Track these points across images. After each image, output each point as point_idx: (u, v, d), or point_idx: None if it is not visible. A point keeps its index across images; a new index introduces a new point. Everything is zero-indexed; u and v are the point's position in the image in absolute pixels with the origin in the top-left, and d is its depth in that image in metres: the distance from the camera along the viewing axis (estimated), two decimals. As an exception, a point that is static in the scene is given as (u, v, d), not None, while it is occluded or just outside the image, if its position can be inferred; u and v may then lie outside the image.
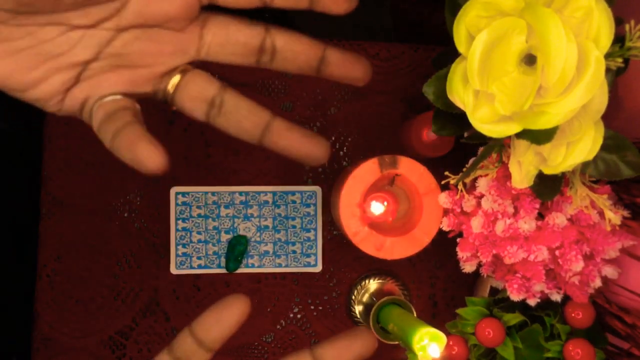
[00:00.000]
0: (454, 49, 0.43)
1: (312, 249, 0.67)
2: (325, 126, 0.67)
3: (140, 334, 0.66)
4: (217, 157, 0.66)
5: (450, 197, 0.56)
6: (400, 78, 0.68)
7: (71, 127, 0.64)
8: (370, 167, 0.56)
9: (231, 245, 0.65)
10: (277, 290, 0.67)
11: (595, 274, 0.51)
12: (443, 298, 0.69)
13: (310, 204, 0.66)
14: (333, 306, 0.68)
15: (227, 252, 0.65)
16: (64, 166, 0.65)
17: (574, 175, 0.47)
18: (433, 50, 0.68)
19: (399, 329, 0.54)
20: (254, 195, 0.66)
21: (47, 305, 0.65)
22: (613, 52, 0.40)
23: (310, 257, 0.67)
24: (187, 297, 0.66)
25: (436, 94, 0.46)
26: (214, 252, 0.66)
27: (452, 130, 0.48)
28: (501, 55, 0.41)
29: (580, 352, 0.53)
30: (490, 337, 0.55)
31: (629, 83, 0.54)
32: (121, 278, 0.65)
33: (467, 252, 0.55)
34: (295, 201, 0.66)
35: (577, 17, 0.38)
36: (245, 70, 0.66)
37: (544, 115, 0.39)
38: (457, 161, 0.58)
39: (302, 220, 0.67)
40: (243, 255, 0.65)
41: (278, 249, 0.67)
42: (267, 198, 0.66)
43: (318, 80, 0.67)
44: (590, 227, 0.51)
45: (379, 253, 0.57)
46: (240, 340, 0.67)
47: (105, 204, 0.65)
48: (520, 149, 0.45)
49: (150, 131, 0.33)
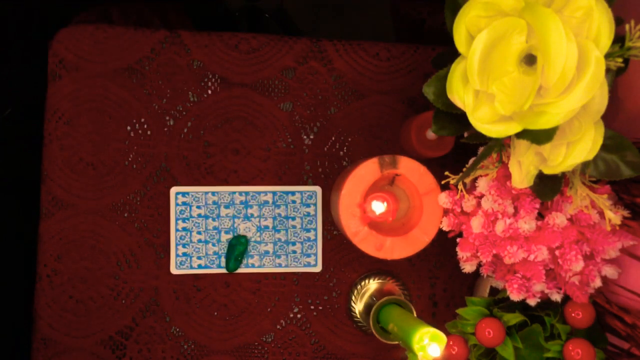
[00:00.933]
0: (454, 49, 0.43)
1: (312, 249, 0.67)
2: (325, 126, 0.67)
3: (140, 334, 0.66)
4: (217, 157, 0.66)
5: (450, 197, 0.56)
6: (400, 78, 0.68)
7: (71, 127, 0.65)
8: (370, 167, 0.56)
9: (231, 245, 0.65)
10: (277, 290, 0.67)
11: (595, 274, 0.51)
12: (443, 298, 0.69)
13: (310, 204, 0.66)
14: (333, 306, 0.68)
15: (227, 252, 0.65)
16: (64, 166, 0.65)
17: (574, 175, 0.47)
18: (433, 50, 0.68)
19: (399, 329, 0.54)
20: (254, 195, 0.66)
21: (47, 305, 0.65)
22: (613, 52, 0.40)
23: (310, 257, 0.67)
24: (187, 297, 0.66)
25: (436, 94, 0.46)
26: (214, 252, 0.66)
27: (452, 130, 0.48)
28: (501, 55, 0.41)
29: (580, 352, 0.53)
30: (490, 337, 0.55)
31: (629, 83, 0.54)
32: (121, 278, 0.65)
33: (467, 252, 0.55)
34: (295, 201, 0.66)
35: (577, 17, 0.38)
36: (245, 70, 0.66)
37: (544, 115, 0.39)
38: (457, 161, 0.58)
39: (302, 220, 0.67)
40: (243, 255, 0.65)
41: (278, 249, 0.67)
42: (267, 198, 0.66)
43: (318, 80, 0.67)
44: (590, 227, 0.51)
45: (379, 253, 0.57)
46: (240, 340, 0.67)
47: (105, 204, 0.65)
48: (520, 149, 0.45)
49: (150, 131, 0.33)
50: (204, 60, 0.66)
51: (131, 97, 0.65)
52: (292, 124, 0.67)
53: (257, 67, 0.66)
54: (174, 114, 0.66)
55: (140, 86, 0.65)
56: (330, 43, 0.67)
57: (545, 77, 0.38)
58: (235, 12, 1.02)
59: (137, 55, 0.65)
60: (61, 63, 0.64)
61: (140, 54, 0.65)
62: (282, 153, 0.67)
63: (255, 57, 0.66)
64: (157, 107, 0.66)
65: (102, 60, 0.64)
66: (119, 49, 0.65)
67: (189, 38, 0.66)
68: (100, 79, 0.65)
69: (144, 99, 0.65)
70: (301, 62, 0.67)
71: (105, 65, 0.65)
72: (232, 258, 0.65)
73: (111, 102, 0.65)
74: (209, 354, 0.66)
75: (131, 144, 0.65)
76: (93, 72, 0.64)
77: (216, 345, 0.66)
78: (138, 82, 0.65)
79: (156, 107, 0.66)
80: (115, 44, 0.65)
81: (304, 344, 0.67)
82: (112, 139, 0.65)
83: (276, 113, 0.67)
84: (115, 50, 0.65)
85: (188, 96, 0.66)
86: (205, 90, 0.66)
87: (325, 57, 0.67)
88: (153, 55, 0.65)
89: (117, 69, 0.65)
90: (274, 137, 0.67)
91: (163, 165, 0.66)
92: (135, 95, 0.65)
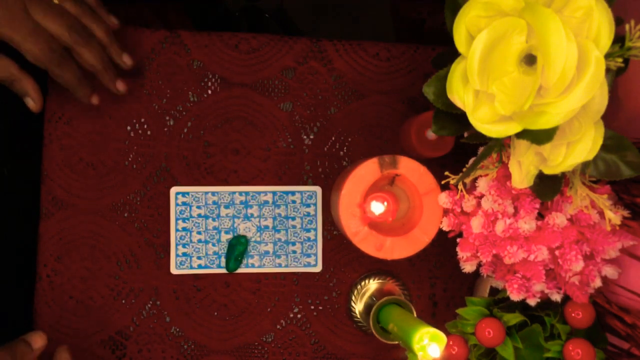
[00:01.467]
0: (454, 49, 0.43)
1: (312, 249, 0.67)
2: (325, 126, 0.67)
3: (140, 334, 0.66)
4: (217, 157, 0.66)
5: (450, 197, 0.56)
6: (400, 78, 0.68)
7: (71, 127, 0.65)
8: (370, 167, 0.56)
9: (231, 245, 0.65)
10: (277, 290, 0.67)
11: (595, 274, 0.51)
12: (443, 298, 0.69)
13: (310, 204, 0.66)
14: (333, 306, 0.68)
15: (227, 252, 0.65)
16: (64, 166, 0.65)
17: (574, 175, 0.47)
18: (433, 50, 0.68)
19: (399, 329, 0.54)
20: (254, 195, 0.66)
21: (47, 305, 0.65)
22: (613, 52, 0.40)
23: (310, 257, 0.67)
24: (187, 297, 0.66)
25: (436, 94, 0.46)
26: (214, 252, 0.66)
27: (452, 130, 0.48)
28: (501, 55, 0.41)
29: (580, 352, 0.53)
30: (490, 337, 0.55)
31: (629, 83, 0.54)
32: (121, 278, 0.65)
33: (467, 252, 0.55)
34: (295, 201, 0.66)
35: (577, 17, 0.38)
36: (245, 70, 0.66)
37: (544, 115, 0.39)
38: (457, 161, 0.58)
39: (302, 220, 0.67)
40: (243, 255, 0.65)
41: (278, 249, 0.67)
42: (267, 198, 0.66)
43: (318, 80, 0.67)
44: (590, 227, 0.51)
45: (379, 253, 0.57)
46: (240, 340, 0.67)
47: (105, 204, 0.65)
48: (520, 149, 0.45)
49: (150, 131, 0.33)
50: (204, 60, 0.66)
51: (131, 97, 0.65)
52: (292, 124, 0.67)
53: (257, 67, 0.66)
54: (174, 114, 0.66)
55: (140, 86, 0.65)
56: (330, 43, 0.67)
57: (545, 77, 0.38)
58: (235, 12, 1.02)
59: (137, 55, 0.65)
60: (61, 63, 0.64)
61: (140, 54, 0.65)
62: (282, 153, 0.67)
63: (255, 57, 0.66)
64: (157, 107, 0.66)
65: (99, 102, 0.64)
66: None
67: (189, 38, 0.66)
68: (100, 79, 0.65)
69: (144, 99, 0.65)
70: (301, 62, 0.67)
71: (105, 65, 0.64)
72: (232, 258, 0.65)
73: (111, 102, 0.65)
74: (209, 354, 0.66)
75: (131, 144, 0.65)
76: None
77: (216, 345, 0.66)
78: (138, 82, 0.65)
79: (156, 107, 0.66)
80: (115, 44, 0.65)
81: (304, 344, 0.67)
82: (112, 139, 0.65)
83: (276, 113, 0.67)
84: (115, 50, 0.65)
85: (188, 96, 0.66)
86: (205, 90, 0.66)
87: (325, 57, 0.67)
88: (153, 55, 0.65)
89: (117, 69, 0.65)
90: (274, 137, 0.67)
91: (163, 165, 0.66)
92: (135, 95, 0.65)
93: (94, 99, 0.59)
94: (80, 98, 0.58)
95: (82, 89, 0.57)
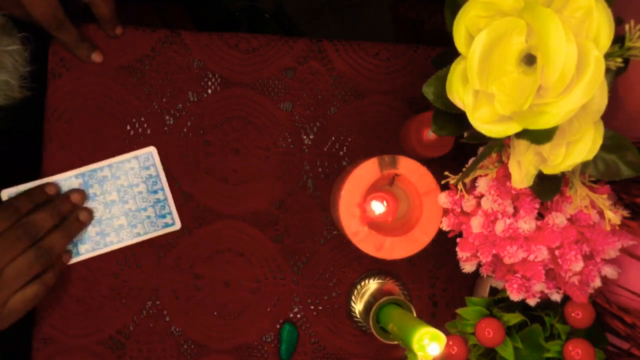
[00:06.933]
0: (454, 49, 0.43)
1: (165, 209, 0.65)
2: (325, 126, 0.67)
3: (140, 334, 0.66)
4: (216, 156, 0.66)
5: (450, 197, 0.56)
6: (400, 78, 0.68)
7: (71, 126, 0.65)
8: (370, 167, 0.56)
9: (283, 337, 0.66)
10: (277, 290, 0.67)
11: (595, 274, 0.51)
12: (443, 298, 0.69)
13: (149, 165, 0.65)
14: (333, 306, 0.68)
15: (280, 343, 0.67)
16: (64, 166, 0.65)
17: (574, 175, 0.47)
18: (433, 50, 0.68)
19: (399, 329, 0.54)
20: (91, 175, 0.64)
21: (47, 305, 0.65)
22: (613, 52, 0.40)
23: (165, 217, 0.65)
24: (187, 297, 0.66)
25: (436, 94, 0.46)
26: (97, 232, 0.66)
27: (452, 130, 0.48)
28: (501, 55, 0.41)
29: (580, 352, 0.53)
30: (490, 337, 0.55)
31: (629, 83, 0.54)
32: (121, 278, 0.66)
33: (467, 252, 0.55)
34: (134, 167, 0.65)
35: (577, 17, 0.39)
36: (245, 70, 0.66)
37: (544, 115, 0.39)
38: (457, 161, 0.58)
39: (147, 183, 0.65)
40: (295, 344, 0.66)
41: (132, 219, 0.65)
42: (105, 173, 0.64)
43: (318, 80, 0.67)
44: (590, 227, 0.51)
45: (379, 253, 0.57)
46: (240, 340, 0.67)
47: (105, 203, 0.65)
48: (520, 149, 0.45)
49: (150, 131, 0.33)
50: (204, 60, 0.66)
51: (131, 96, 0.65)
52: (292, 123, 0.67)
53: (257, 67, 0.66)
54: (173, 113, 0.66)
55: (140, 85, 0.65)
56: (330, 43, 0.67)
57: (545, 77, 0.38)
58: (236, 12, 1.02)
59: (138, 54, 0.65)
60: (61, 62, 0.64)
61: (140, 53, 0.65)
62: (281, 153, 0.67)
63: (255, 57, 0.66)
64: (157, 106, 0.66)
65: (102, 59, 0.64)
66: (119, 47, 0.65)
67: (190, 37, 0.66)
68: (100, 77, 0.65)
69: (144, 98, 0.65)
70: (301, 62, 0.67)
71: (105, 64, 0.65)
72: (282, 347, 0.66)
73: (111, 100, 0.65)
74: (209, 353, 0.66)
75: (131, 142, 0.65)
76: (93, 70, 0.64)
77: (216, 345, 0.66)
78: (138, 81, 0.65)
79: (156, 106, 0.66)
80: (115, 43, 0.65)
81: (304, 343, 0.67)
82: (112, 137, 0.65)
83: (276, 113, 0.67)
84: (115, 49, 0.65)
85: (188, 95, 0.66)
86: (205, 90, 0.66)
87: (325, 57, 0.67)
88: (153, 54, 0.65)
89: (117, 68, 0.65)
90: (273, 136, 0.67)
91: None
92: (135, 94, 0.65)
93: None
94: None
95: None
